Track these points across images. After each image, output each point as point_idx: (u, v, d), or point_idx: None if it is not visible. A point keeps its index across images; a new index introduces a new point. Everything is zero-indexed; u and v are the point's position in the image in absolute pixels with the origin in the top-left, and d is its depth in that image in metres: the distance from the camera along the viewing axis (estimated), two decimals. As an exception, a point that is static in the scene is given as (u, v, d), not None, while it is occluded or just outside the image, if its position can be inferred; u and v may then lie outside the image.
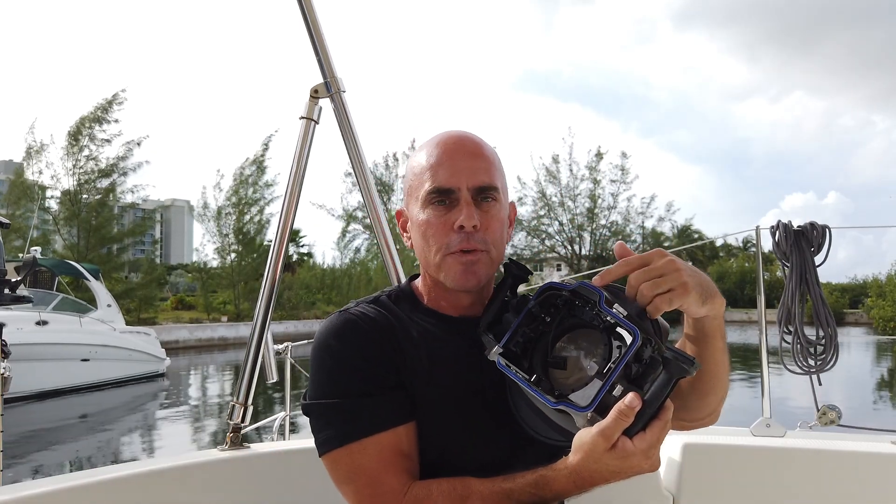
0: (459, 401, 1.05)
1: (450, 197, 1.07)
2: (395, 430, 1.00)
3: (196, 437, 10.28)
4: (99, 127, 26.13)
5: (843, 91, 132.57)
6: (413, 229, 1.13)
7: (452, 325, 1.12)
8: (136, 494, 1.39)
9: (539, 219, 37.77)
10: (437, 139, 1.13)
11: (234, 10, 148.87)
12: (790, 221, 2.24)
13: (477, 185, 1.08)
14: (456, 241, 1.06)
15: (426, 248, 1.09)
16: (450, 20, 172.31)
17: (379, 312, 1.10)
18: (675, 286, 0.89)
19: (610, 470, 0.88)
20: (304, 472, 1.52)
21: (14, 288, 1.92)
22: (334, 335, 1.06)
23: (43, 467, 8.01)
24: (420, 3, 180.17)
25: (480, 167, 1.09)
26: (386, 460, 0.98)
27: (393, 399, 1.02)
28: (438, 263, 1.08)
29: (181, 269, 46.82)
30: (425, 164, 1.10)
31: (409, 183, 1.14)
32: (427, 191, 1.08)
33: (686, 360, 0.82)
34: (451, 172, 1.07)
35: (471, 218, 1.05)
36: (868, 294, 31.52)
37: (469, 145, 1.11)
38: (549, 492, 0.92)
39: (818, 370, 2.25)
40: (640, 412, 0.83)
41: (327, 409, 1.02)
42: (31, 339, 11.93)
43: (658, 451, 0.87)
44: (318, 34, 1.84)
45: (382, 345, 1.05)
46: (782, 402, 2.09)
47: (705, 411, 1.12)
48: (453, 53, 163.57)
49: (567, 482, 0.91)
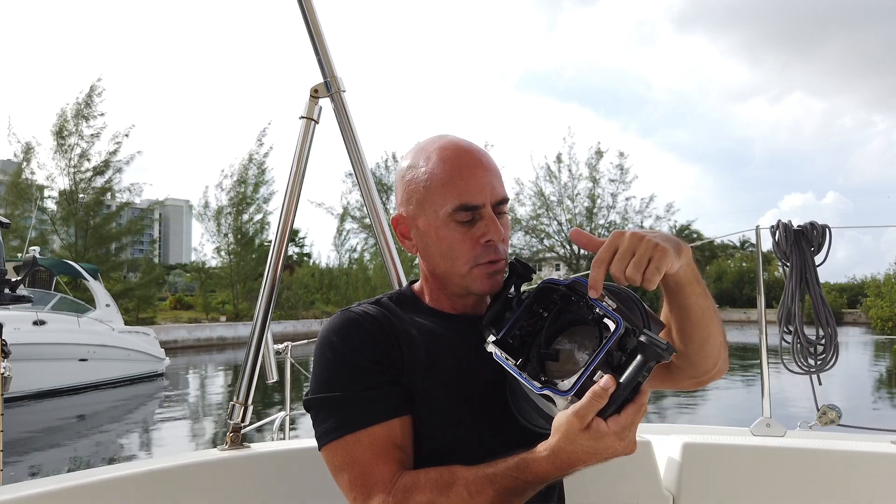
0: (458, 395, 1.08)
1: (475, 213, 1.11)
2: (389, 423, 1.04)
3: (195, 438, 10.28)
4: (85, 123, 26.05)
5: (842, 92, 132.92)
6: (426, 239, 1.15)
7: (453, 322, 1.16)
8: (135, 494, 1.39)
9: (538, 218, 37.77)
10: (449, 150, 1.13)
11: (234, 9, 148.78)
12: (790, 221, 2.24)
13: (497, 200, 1.13)
14: (483, 253, 1.11)
15: (449, 260, 1.13)
16: (451, 20, 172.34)
17: (380, 311, 1.14)
18: (653, 253, 0.93)
19: (585, 451, 0.89)
20: (304, 472, 1.52)
21: (14, 288, 1.92)
22: (335, 332, 1.10)
23: (41, 467, 8.00)
24: (421, 4, 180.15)
25: (497, 181, 1.14)
26: (378, 451, 1.02)
27: (389, 393, 1.06)
28: (465, 274, 1.13)
29: (180, 269, 46.78)
30: (444, 177, 1.11)
31: (422, 194, 1.13)
32: (453, 207, 1.10)
33: (660, 345, 0.84)
34: (476, 189, 1.11)
35: (499, 232, 1.11)
36: (866, 294, 31.54)
37: (484, 159, 1.14)
38: (530, 474, 0.94)
39: (818, 370, 2.25)
40: (615, 394, 0.85)
41: (326, 402, 1.06)
42: (29, 338, 11.92)
43: (633, 434, 0.89)
44: (318, 34, 1.84)
45: (382, 341, 1.09)
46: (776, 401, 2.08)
47: (710, 362, 1.16)
48: (454, 54, 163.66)
49: (546, 463, 0.92)
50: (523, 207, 37.37)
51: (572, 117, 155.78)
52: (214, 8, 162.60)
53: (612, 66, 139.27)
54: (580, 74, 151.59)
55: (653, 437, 1.73)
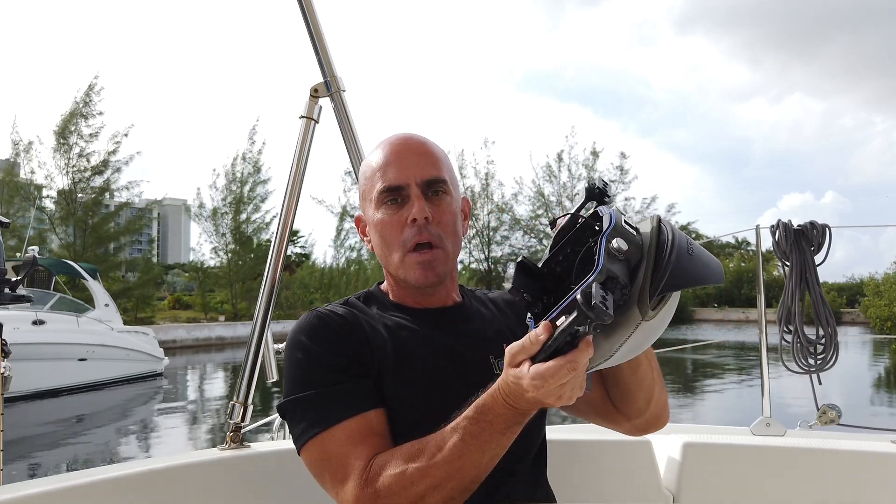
0: (427, 387, 1.08)
1: (401, 194, 1.12)
2: (364, 415, 1.03)
3: (194, 437, 10.27)
4: (85, 122, 26.00)
5: (842, 92, 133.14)
6: (371, 232, 1.18)
7: (417, 316, 1.17)
8: (135, 494, 1.39)
9: (537, 218, 37.79)
10: (385, 142, 1.18)
11: (234, 9, 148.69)
12: (790, 221, 2.24)
13: (425, 179, 1.13)
14: (410, 235, 1.11)
15: (385, 248, 1.15)
16: (452, 21, 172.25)
17: (348, 310, 1.16)
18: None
19: (510, 388, 0.88)
20: (304, 472, 1.51)
21: (14, 287, 1.91)
22: (304, 332, 1.11)
23: (40, 467, 7.99)
24: (422, 4, 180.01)
25: (427, 162, 1.14)
26: (355, 442, 1.00)
27: (361, 386, 1.05)
28: (398, 263, 1.13)
29: (178, 269, 46.73)
30: (375, 166, 1.15)
31: (363, 187, 1.19)
32: (379, 191, 1.13)
33: (592, 310, 0.75)
34: (399, 170, 1.12)
35: (422, 210, 1.10)
36: (865, 293, 31.57)
37: (414, 143, 1.16)
38: (487, 412, 0.92)
39: (818, 369, 2.25)
40: (546, 343, 0.83)
41: (299, 404, 1.05)
42: (28, 338, 11.89)
43: (559, 387, 0.84)
44: (318, 34, 1.84)
45: (350, 338, 1.09)
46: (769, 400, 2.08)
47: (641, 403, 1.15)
48: (455, 54, 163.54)
49: (495, 399, 0.91)
50: (522, 207, 37.41)
51: (572, 117, 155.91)
52: (215, 8, 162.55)
53: (613, 66, 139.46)
54: (580, 75, 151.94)
55: (653, 437, 1.73)
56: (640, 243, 0.84)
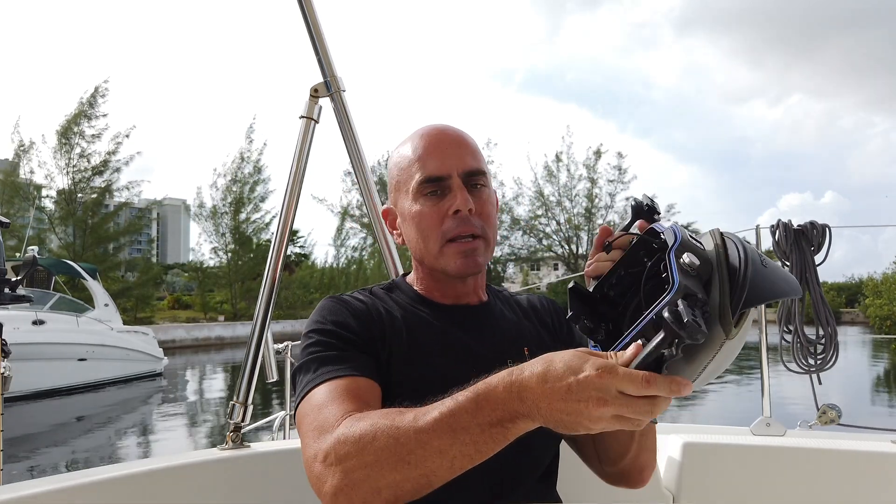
0: (435, 382, 1.00)
1: (441, 185, 1.09)
2: (353, 378, 0.98)
3: (193, 438, 10.26)
4: (88, 123, 26.05)
5: (842, 93, 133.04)
6: (405, 224, 1.15)
7: (439, 311, 1.14)
8: (135, 494, 1.39)
9: (536, 218, 37.82)
10: (420, 132, 1.15)
11: (234, 9, 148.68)
12: (790, 220, 2.24)
13: (467, 170, 1.10)
14: (452, 226, 1.08)
15: (422, 239, 1.11)
16: (453, 22, 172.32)
17: (368, 297, 1.14)
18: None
19: (559, 387, 0.72)
20: (304, 472, 1.51)
21: (14, 287, 1.91)
22: (319, 311, 1.11)
23: (39, 467, 7.99)
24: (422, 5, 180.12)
25: (467, 153, 1.12)
26: (336, 396, 0.94)
27: (358, 357, 1.02)
28: (437, 253, 1.10)
29: (178, 269, 46.72)
30: (412, 156, 1.12)
31: (396, 178, 1.16)
32: (419, 181, 1.10)
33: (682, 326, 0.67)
34: (440, 160, 1.10)
35: (466, 202, 1.07)
36: (864, 293, 31.57)
37: (453, 134, 1.14)
38: (482, 398, 0.78)
39: (818, 369, 2.25)
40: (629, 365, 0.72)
41: (299, 370, 1.04)
42: (27, 338, 11.90)
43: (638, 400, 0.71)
44: (318, 34, 1.84)
45: (362, 319, 1.08)
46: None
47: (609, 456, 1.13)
48: (455, 54, 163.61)
49: (501, 382, 0.78)
50: (522, 207, 37.44)
51: (570, 117, 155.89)
52: (215, 8, 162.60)
53: (613, 67, 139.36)
54: (580, 76, 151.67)
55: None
56: (709, 258, 0.78)
